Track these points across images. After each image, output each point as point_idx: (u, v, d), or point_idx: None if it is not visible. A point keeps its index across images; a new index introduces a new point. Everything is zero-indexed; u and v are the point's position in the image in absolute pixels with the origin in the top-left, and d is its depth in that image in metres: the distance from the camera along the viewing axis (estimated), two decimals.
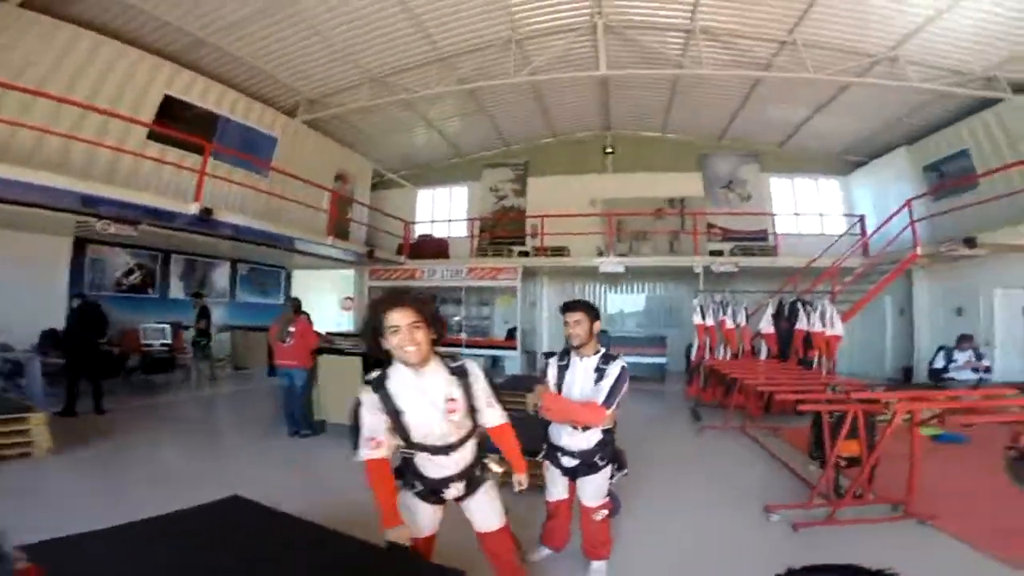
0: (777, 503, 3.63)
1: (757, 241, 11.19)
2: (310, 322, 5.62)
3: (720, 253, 10.58)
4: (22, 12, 6.05)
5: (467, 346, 10.77)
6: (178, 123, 7.65)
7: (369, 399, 1.85)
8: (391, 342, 1.79)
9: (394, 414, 1.84)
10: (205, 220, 6.40)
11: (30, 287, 7.30)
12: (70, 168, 6.22)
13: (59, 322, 6.96)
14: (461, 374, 1.93)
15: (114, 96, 6.98)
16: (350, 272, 12.51)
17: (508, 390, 7.46)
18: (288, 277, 12.18)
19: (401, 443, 1.91)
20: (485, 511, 2.08)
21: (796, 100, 9.80)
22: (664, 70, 8.79)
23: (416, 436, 1.88)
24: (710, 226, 11.55)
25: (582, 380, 2.55)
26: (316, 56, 8.41)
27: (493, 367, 11.15)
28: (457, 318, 11.54)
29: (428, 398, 1.85)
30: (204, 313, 8.65)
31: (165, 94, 7.71)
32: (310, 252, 9.97)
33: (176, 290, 9.49)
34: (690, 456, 5.25)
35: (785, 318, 7.35)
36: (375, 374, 1.90)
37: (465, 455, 1.97)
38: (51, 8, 6.27)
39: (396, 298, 1.83)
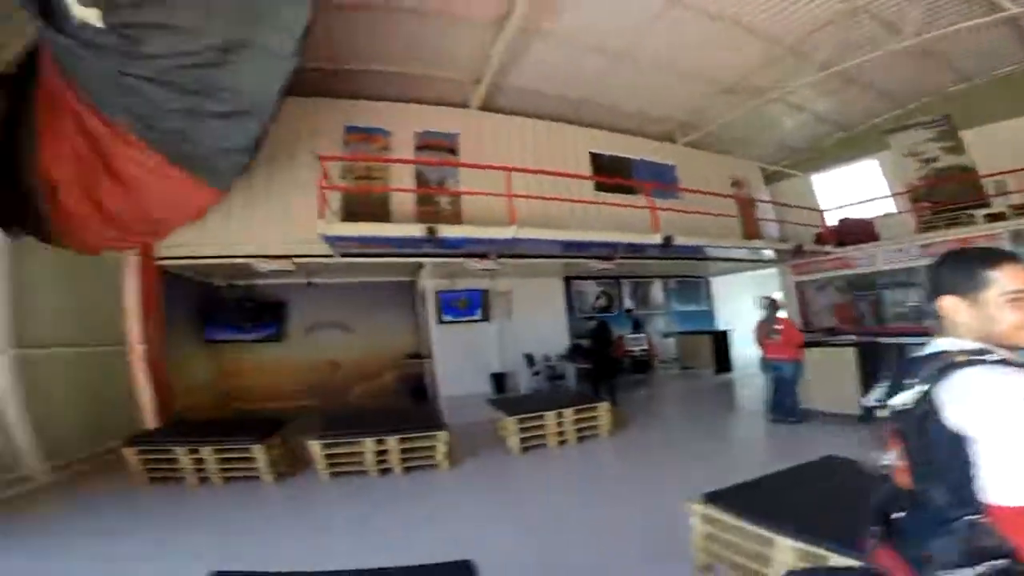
0: None
1: None
2: (792, 321, 6.21)
3: None
4: (482, 113, 8.95)
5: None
6: (605, 172, 9.69)
7: None
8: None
9: None
10: (667, 246, 7.88)
11: (547, 315, 10.45)
12: (559, 223, 8.46)
13: (564, 339, 9.90)
14: None
15: (561, 162, 9.19)
16: (762, 273, 12.66)
17: None
18: (707, 285, 13.27)
19: None
20: None
21: None
22: None
23: None
24: None
25: None
26: (671, 86, 9.10)
27: None
28: (911, 303, 9.94)
29: None
30: (637, 326, 10.62)
31: (590, 151, 9.88)
32: (728, 258, 10.69)
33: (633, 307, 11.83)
34: None
35: None
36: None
37: None
38: (491, 106, 8.98)
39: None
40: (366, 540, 3.81)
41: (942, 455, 1.06)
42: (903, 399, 1.15)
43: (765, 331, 6.14)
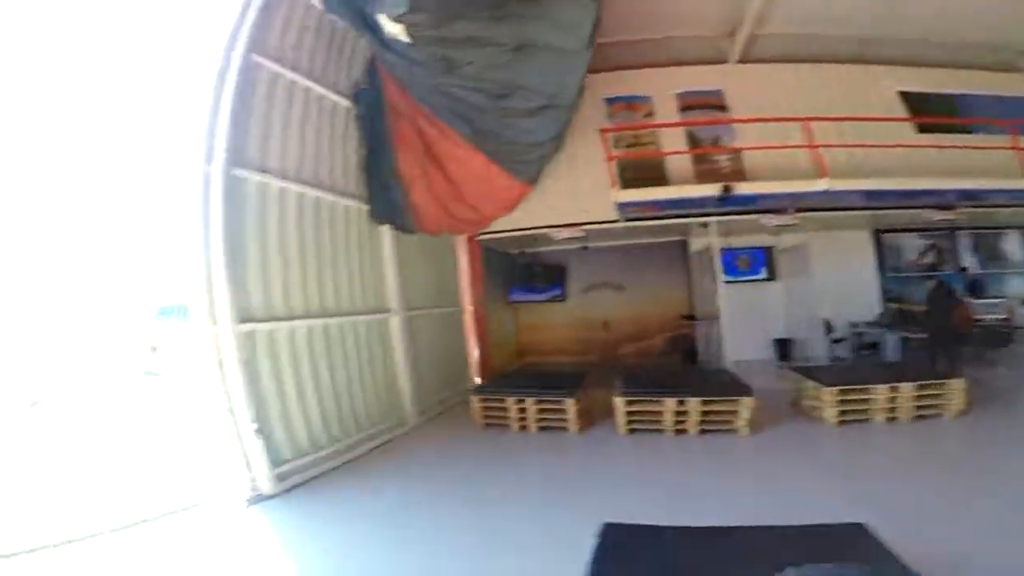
0: None
1: None
2: None
3: None
4: (744, 66, 8.30)
5: None
6: (922, 112, 8.07)
7: None
8: None
9: None
10: None
11: (850, 274, 8.97)
12: (866, 171, 7.23)
13: (873, 302, 8.61)
14: None
15: (859, 105, 7.74)
16: None
17: None
18: None
19: None
20: None
21: None
22: None
23: None
24: None
25: None
26: (995, 6, 7.31)
27: None
28: None
29: None
30: (975, 287, 8.51)
31: (898, 91, 8.22)
32: None
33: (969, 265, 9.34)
34: None
35: None
36: None
37: None
38: (753, 56, 8.27)
39: None
40: (711, 497, 3.92)
41: None
42: None
43: None
